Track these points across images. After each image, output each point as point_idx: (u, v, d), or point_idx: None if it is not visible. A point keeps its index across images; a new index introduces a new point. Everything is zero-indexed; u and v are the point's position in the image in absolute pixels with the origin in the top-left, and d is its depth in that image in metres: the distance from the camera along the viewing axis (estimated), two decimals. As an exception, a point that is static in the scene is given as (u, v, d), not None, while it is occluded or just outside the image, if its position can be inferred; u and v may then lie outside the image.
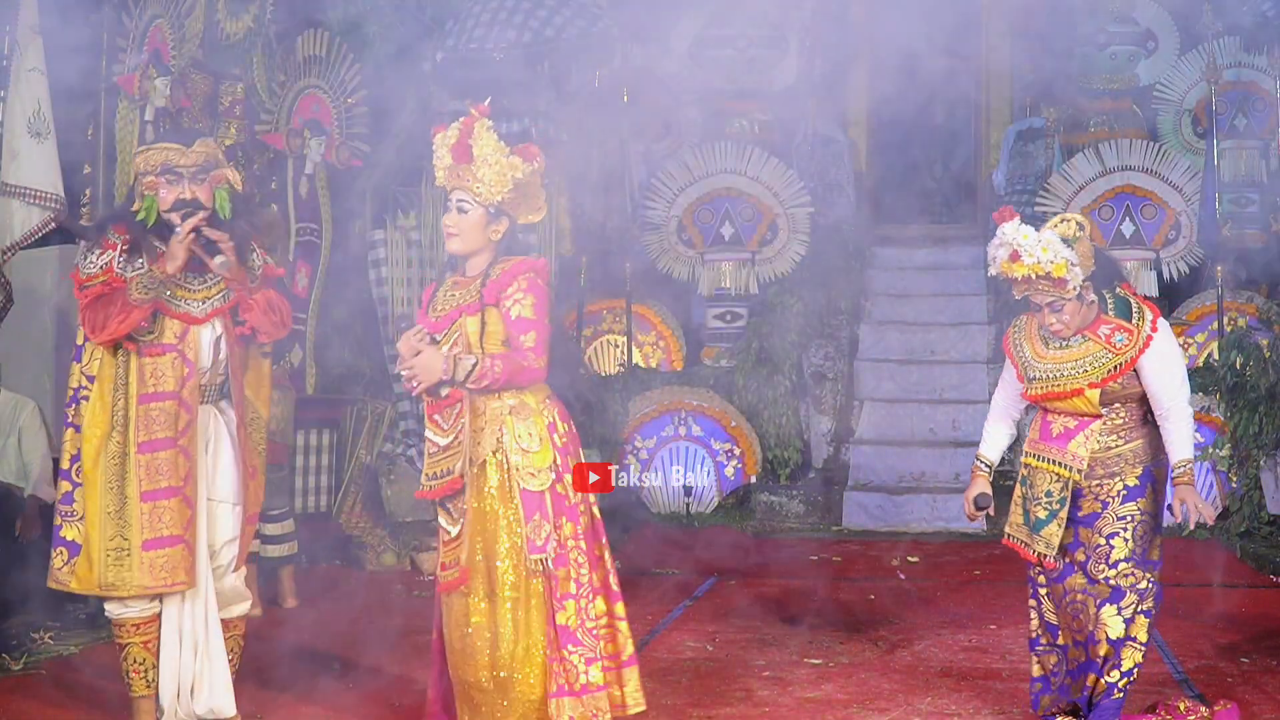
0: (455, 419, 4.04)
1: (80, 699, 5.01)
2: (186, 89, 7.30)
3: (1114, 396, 4.37)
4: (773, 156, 10.57)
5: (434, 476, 4.09)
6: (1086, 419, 4.40)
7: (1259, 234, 10.42)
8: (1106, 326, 4.37)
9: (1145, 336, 4.33)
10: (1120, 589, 4.35)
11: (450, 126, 4.11)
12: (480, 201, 4.07)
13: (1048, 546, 4.43)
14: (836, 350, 9.74)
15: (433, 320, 4.11)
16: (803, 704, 4.99)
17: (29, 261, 6.47)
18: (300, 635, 6.06)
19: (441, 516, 4.11)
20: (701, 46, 11.35)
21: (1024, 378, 4.50)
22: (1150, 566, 4.40)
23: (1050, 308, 4.34)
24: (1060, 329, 4.38)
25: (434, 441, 4.09)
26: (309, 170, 8.17)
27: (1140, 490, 4.38)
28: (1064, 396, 4.39)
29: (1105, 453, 4.39)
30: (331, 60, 8.31)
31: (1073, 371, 4.38)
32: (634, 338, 10.09)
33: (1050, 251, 4.24)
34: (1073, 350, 4.40)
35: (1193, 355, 9.54)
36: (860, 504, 9.00)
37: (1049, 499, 4.43)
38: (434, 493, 4.08)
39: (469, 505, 4.03)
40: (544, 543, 3.98)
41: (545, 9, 8.18)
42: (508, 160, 4.07)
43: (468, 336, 4.04)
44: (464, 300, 4.09)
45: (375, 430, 8.22)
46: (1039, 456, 4.48)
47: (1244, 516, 8.36)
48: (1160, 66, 10.96)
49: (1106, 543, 4.37)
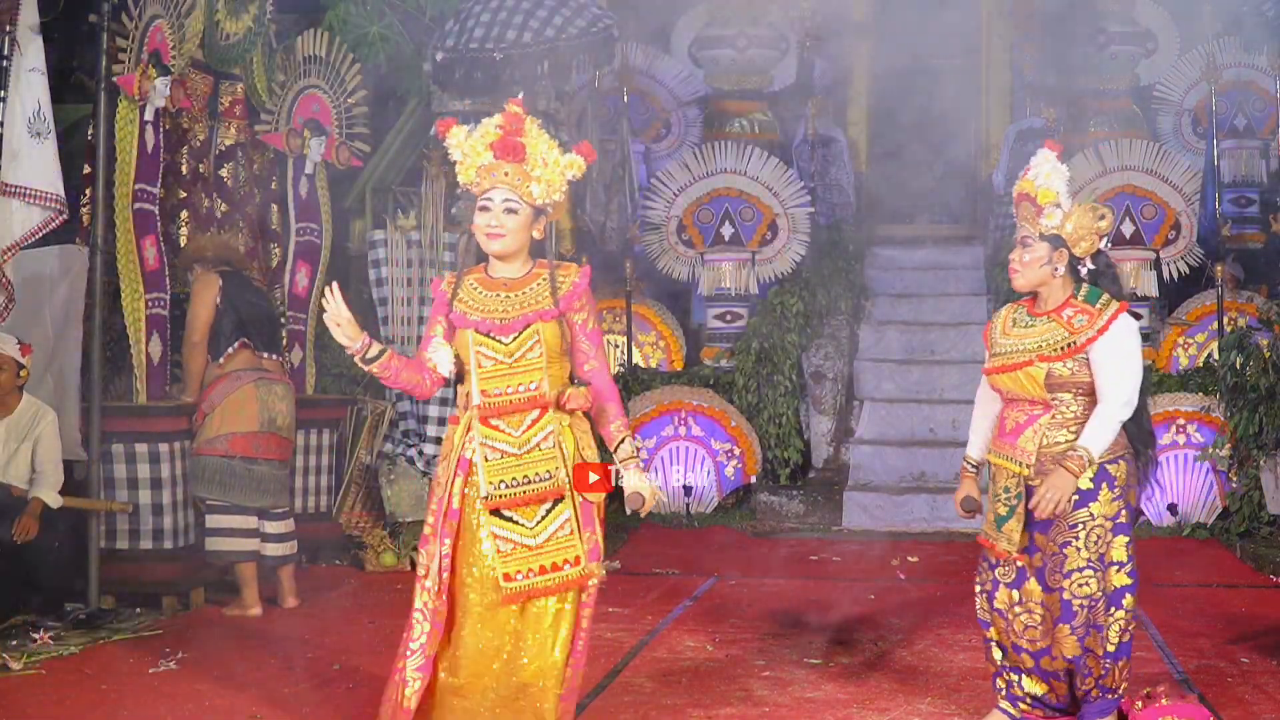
0: (531, 424, 3.97)
1: (80, 699, 5.00)
2: (186, 89, 7.30)
3: (1061, 383, 4.32)
4: (773, 156, 10.57)
5: (512, 485, 3.96)
6: (1035, 414, 4.37)
7: (1259, 234, 10.44)
8: (1070, 309, 4.39)
9: (1104, 322, 4.31)
10: (1070, 606, 4.31)
11: (487, 121, 3.99)
12: (530, 201, 3.96)
13: (1009, 543, 4.41)
14: (836, 350, 9.74)
15: (497, 323, 3.99)
16: (803, 704, 4.99)
17: (29, 262, 6.46)
18: (300, 635, 6.06)
19: (504, 526, 3.97)
20: (701, 46, 11.36)
21: (988, 355, 4.52)
22: (1114, 567, 4.33)
23: (1021, 242, 4.39)
24: (1016, 271, 4.39)
25: (497, 448, 3.97)
26: (309, 170, 8.17)
27: (1093, 494, 4.30)
28: (1012, 369, 4.37)
29: (1054, 448, 4.34)
30: (331, 60, 8.31)
31: (1029, 346, 4.38)
32: (634, 338, 10.09)
33: (1050, 178, 4.34)
34: (1036, 329, 4.41)
35: (1193, 355, 9.55)
36: (860, 504, 9.00)
37: (1007, 495, 4.42)
38: (512, 502, 3.96)
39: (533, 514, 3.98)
40: (593, 553, 3.99)
41: (545, 9, 8.18)
42: (566, 159, 3.97)
43: (547, 343, 3.97)
44: (534, 305, 3.99)
45: (375, 430, 8.22)
46: (997, 453, 4.49)
47: (1244, 516, 8.36)
48: (1160, 66, 10.97)
49: (1060, 551, 4.33)
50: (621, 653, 5.70)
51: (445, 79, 8.16)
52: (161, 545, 6.54)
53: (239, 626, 6.27)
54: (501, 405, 3.98)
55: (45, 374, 6.58)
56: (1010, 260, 4.46)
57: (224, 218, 7.76)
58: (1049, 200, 4.34)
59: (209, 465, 6.44)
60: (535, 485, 3.97)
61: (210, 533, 6.47)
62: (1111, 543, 4.33)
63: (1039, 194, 4.35)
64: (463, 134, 4.01)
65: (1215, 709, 4.81)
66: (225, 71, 7.67)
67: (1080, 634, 4.32)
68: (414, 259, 8.33)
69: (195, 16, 7.04)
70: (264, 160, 8.11)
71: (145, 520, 6.53)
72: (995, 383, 4.49)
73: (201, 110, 7.61)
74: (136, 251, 6.63)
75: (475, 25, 8.13)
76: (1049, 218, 4.34)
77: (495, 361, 3.99)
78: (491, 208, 3.96)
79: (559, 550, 3.97)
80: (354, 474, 8.08)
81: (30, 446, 6.20)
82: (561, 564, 3.97)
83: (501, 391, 3.99)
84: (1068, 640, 4.34)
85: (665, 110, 11.46)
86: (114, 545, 6.51)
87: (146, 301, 6.68)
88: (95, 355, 6.48)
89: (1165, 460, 8.75)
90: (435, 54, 8.19)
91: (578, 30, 8.15)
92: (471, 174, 3.99)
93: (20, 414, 6.23)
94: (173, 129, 7.31)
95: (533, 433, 3.98)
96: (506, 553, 3.97)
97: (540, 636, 4.00)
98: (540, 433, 3.98)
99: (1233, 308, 9.42)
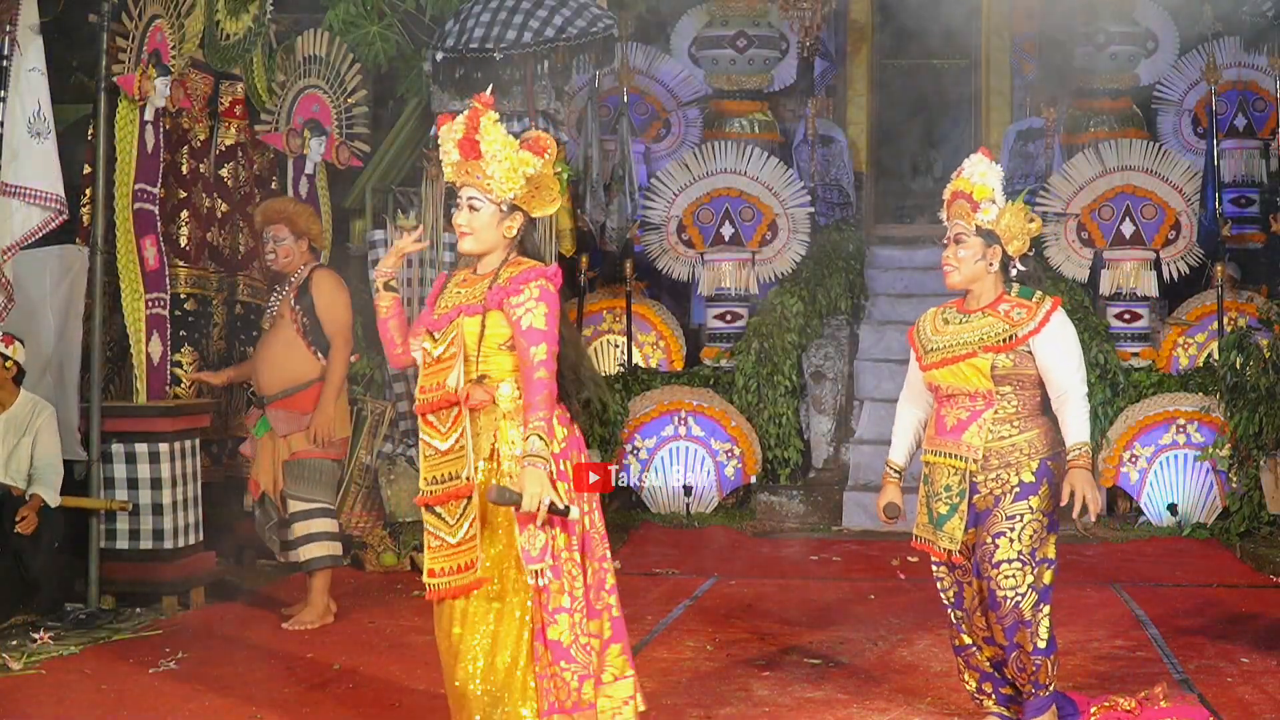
0: (454, 422, 3.92)
1: (80, 699, 5.00)
2: (186, 89, 7.30)
3: (1006, 376, 4.35)
4: (773, 156, 10.57)
5: (435, 481, 3.94)
6: (978, 409, 4.39)
7: (1259, 234, 10.44)
8: (1006, 304, 4.42)
9: (1044, 315, 4.35)
10: (995, 596, 4.31)
11: (456, 120, 3.97)
12: (492, 199, 3.94)
13: (951, 541, 4.42)
14: (836, 350, 9.74)
15: (434, 318, 4.00)
16: (803, 704, 4.99)
17: (29, 262, 6.46)
18: (300, 635, 6.06)
19: (433, 523, 3.95)
20: (701, 46, 11.36)
21: (921, 354, 4.54)
22: (1045, 565, 4.33)
23: (956, 239, 4.42)
24: (952, 268, 4.43)
25: (431, 445, 3.96)
26: (309, 170, 8.17)
27: (1034, 487, 4.33)
28: (956, 361, 4.39)
29: (999, 442, 4.36)
30: (331, 60, 8.31)
31: (969, 339, 4.40)
32: (634, 338, 10.09)
33: (983, 176, 4.38)
34: (971, 324, 4.44)
35: (1193, 355, 9.55)
36: (860, 504, 8.99)
37: (948, 493, 4.43)
38: (436, 499, 3.93)
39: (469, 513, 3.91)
40: (540, 553, 3.84)
41: (545, 9, 8.18)
42: (518, 156, 3.93)
43: (464, 338, 3.92)
44: (467, 300, 3.98)
45: (375, 430, 8.22)
46: (936, 452, 4.49)
47: (1244, 516, 8.36)
48: (1160, 66, 10.96)
49: (992, 542, 4.33)
50: (621, 653, 5.69)
51: (445, 79, 8.15)
52: (161, 545, 6.53)
53: (239, 626, 6.26)
54: (429, 402, 3.96)
55: (45, 374, 6.58)
56: (944, 258, 4.49)
57: (224, 218, 7.77)
58: (985, 196, 4.38)
59: (327, 469, 6.31)
60: (451, 483, 3.92)
61: (310, 539, 6.24)
62: (1046, 539, 4.35)
63: (975, 190, 4.39)
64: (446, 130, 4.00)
65: (1215, 709, 4.81)
66: (225, 71, 7.68)
67: (1007, 624, 4.33)
68: (414, 259, 8.33)
69: (195, 16, 7.05)
70: (264, 160, 8.11)
71: (145, 520, 6.52)
72: (934, 379, 4.50)
73: (201, 110, 7.62)
74: (136, 251, 6.63)
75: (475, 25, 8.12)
76: (985, 213, 4.38)
77: (425, 357, 4.00)
78: (461, 205, 3.98)
79: (471, 550, 3.90)
80: (354, 474, 8.09)
81: (30, 441, 6.20)
82: (473, 563, 3.90)
83: (428, 388, 3.97)
84: (996, 629, 4.37)
85: (665, 110, 11.46)
86: (114, 545, 6.51)
87: (146, 301, 6.68)
88: (95, 355, 6.48)
89: (1165, 460, 8.75)
90: (435, 54, 8.18)
91: (578, 30, 8.14)
92: (449, 172, 4.01)
93: (18, 409, 6.24)
94: (173, 129, 7.31)
95: (454, 429, 3.93)
96: (434, 549, 3.94)
97: (474, 642, 3.90)
98: (457, 431, 3.92)
99: (1233, 308, 9.42)
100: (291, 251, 6.30)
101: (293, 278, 6.30)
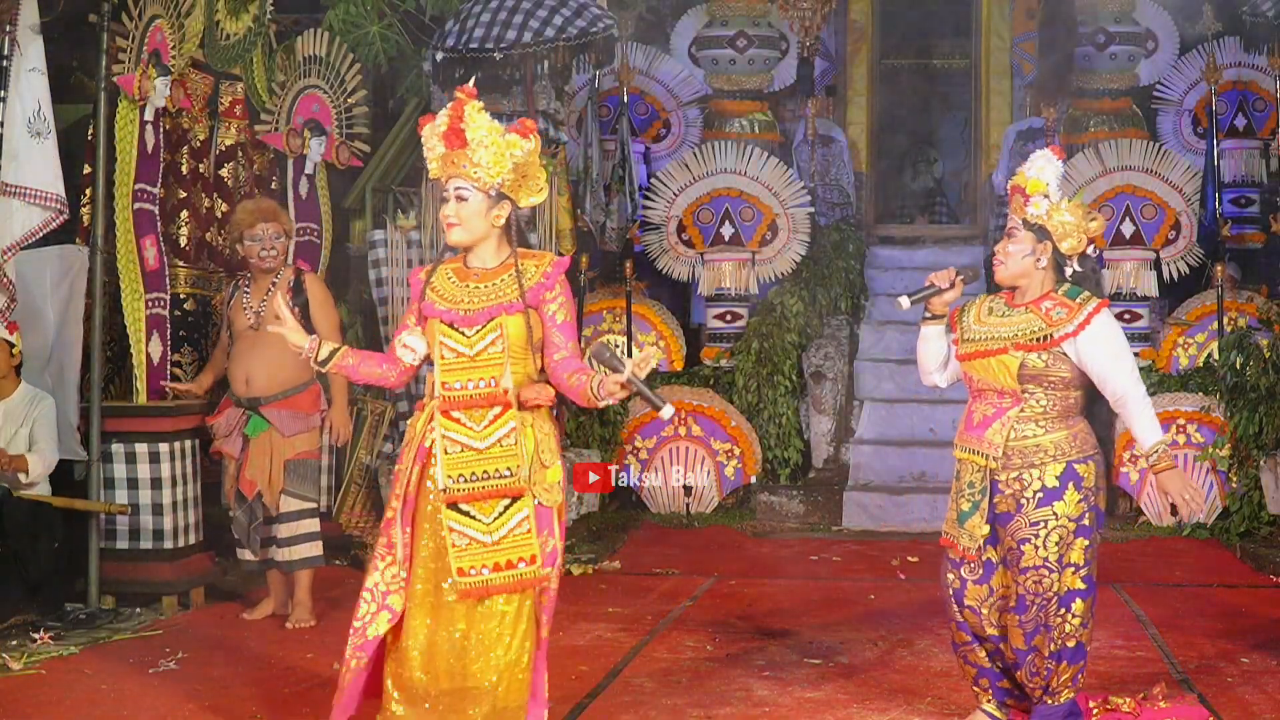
0: (493, 420, 3.93)
1: (80, 699, 5.00)
2: (186, 89, 7.30)
3: (1035, 376, 4.29)
4: (773, 156, 10.57)
5: (466, 479, 3.92)
6: (1004, 407, 4.34)
7: (1259, 234, 10.44)
8: (1049, 302, 4.38)
9: (1085, 317, 4.29)
10: (1024, 600, 4.29)
11: (439, 115, 3.97)
12: (480, 187, 3.93)
13: (970, 539, 4.38)
14: (836, 350, 9.73)
15: (460, 314, 3.97)
16: (803, 704, 4.99)
17: (29, 262, 6.46)
18: (300, 635, 6.06)
19: (460, 520, 3.93)
20: (701, 46, 11.36)
21: (959, 340, 4.50)
22: (1070, 569, 4.29)
23: (1008, 233, 4.41)
24: (1000, 262, 4.41)
25: (459, 442, 3.93)
26: (309, 170, 8.17)
27: (1058, 493, 4.27)
28: (987, 355, 4.35)
29: (1022, 442, 4.31)
30: (331, 60, 8.31)
31: (1004, 334, 4.37)
32: (634, 338, 10.09)
33: (1042, 170, 4.37)
34: (1012, 319, 4.40)
35: (1193, 355, 9.54)
36: (860, 504, 9.00)
37: (971, 490, 4.40)
38: (468, 496, 3.93)
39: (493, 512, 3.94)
40: (549, 557, 3.95)
41: (545, 9, 8.18)
42: (504, 140, 3.92)
43: (510, 337, 3.93)
44: (500, 298, 3.96)
45: (375, 430, 8.22)
46: (963, 447, 4.46)
47: (1244, 516, 8.36)
48: (1160, 66, 10.96)
49: (1018, 547, 4.30)
50: (621, 653, 5.69)
51: (445, 79, 8.16)
52: (161, 545, 6.53)
53: (239, 627, 6.26)
54: (461, 399, 3.95)
55: (45, 374, 6.58)
56: (995, 251, 4.48)
57: (224, 218, 7.76)
58: (1038, 190, 4.37)
59: (320, 468, 6.37)
60: (495, 481, 3.93)
61: (299, 539, 6.25)
62: (1072, 544, 4.30)
63: (1029, 184, 4.38)
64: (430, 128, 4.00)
65: (1215, 709, 4.81)
66: (225, 71, 7.67)
67: (1029, 629, 4.31)
68: (414, 259, 8.33)
69: (195, 16, 7.05)
70: (264, 160, 8.11)
71: (145, 520, 6.52)
72: (967, 369, 4.47)
73: (201, 110, 7.61)
74: (136, 251, 6.62)
75: (475, 25, 8.13)
76: (1035, 206, 4.36)
77: (456, 354, 3.97)
78: (448, 197, 3.96)
79: (515, 548, 3.92)
80: (354, 474, 8.08)
81: (28, 431, 6.22)
82: (516, 561, 3.92)
83: (461, 385, 3.95)
84: (1015, 632, 4.34)
85: (665, 110, 11.46)
86: (114, 545, 6.50)
87: (146, 301, 6.68)
88: (95, 355, 6.48)
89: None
90: (435, 54, 8.19)
91: (578, 30, 8.15)
92: (435, 167, 3.99)
93: (18, 399, 6.25)
94: (173, 129, 7.31)
95: (495, 427, 3.93)
96: (462, 548, 3.93)
97: (487, 638, 3.93)
98: (503, 428, 3.93)
99: (1233, 308, 9.41)
100: (282, 251, 6.33)
101: (275, 278, 6.29)
